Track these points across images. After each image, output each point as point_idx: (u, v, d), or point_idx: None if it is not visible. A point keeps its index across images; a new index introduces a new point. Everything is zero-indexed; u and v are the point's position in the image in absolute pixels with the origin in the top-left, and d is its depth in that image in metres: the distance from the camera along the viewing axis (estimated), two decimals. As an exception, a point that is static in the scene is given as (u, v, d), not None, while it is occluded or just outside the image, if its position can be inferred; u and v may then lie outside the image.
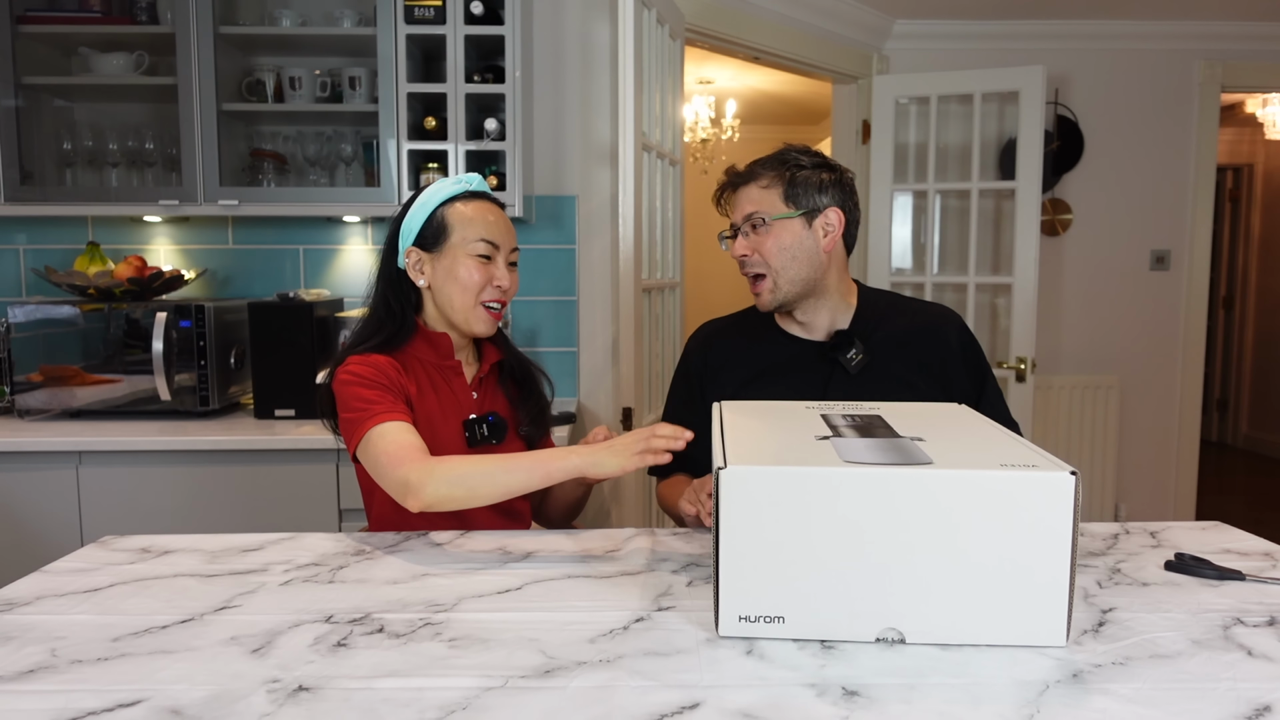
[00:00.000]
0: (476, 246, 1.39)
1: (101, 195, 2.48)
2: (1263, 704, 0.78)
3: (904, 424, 1.08)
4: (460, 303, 1.39)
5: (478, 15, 2.39)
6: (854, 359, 1.47)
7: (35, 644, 0.90)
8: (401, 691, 0.80)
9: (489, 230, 1.40)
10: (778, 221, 1.48)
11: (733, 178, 1.55)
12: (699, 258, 6.42)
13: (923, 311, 1.58)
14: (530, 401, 1.53)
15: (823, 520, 0.88)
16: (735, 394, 1.48)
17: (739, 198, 1.53)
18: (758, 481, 0.88)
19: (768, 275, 1.48)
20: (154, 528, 2.13)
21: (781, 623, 0.90)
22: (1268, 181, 6.13)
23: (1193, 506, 3.88)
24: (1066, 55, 3.63)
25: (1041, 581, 0.87)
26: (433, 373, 1.43)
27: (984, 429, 1.08)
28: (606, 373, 2.78)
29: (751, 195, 1.51)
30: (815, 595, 0.89)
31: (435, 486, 1.19)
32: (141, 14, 2.45)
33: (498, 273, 1.41)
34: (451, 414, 1.42)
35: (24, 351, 2.35)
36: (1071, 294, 3.75)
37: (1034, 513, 0.86)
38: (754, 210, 1.49)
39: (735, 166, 1.57)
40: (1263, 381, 6.22)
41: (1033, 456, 0.91)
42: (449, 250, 1.39)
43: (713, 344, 1.61)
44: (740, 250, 1.51)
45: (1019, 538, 0.86)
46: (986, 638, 0.89)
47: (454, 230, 1.39)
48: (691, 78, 4.93)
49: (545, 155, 2.74)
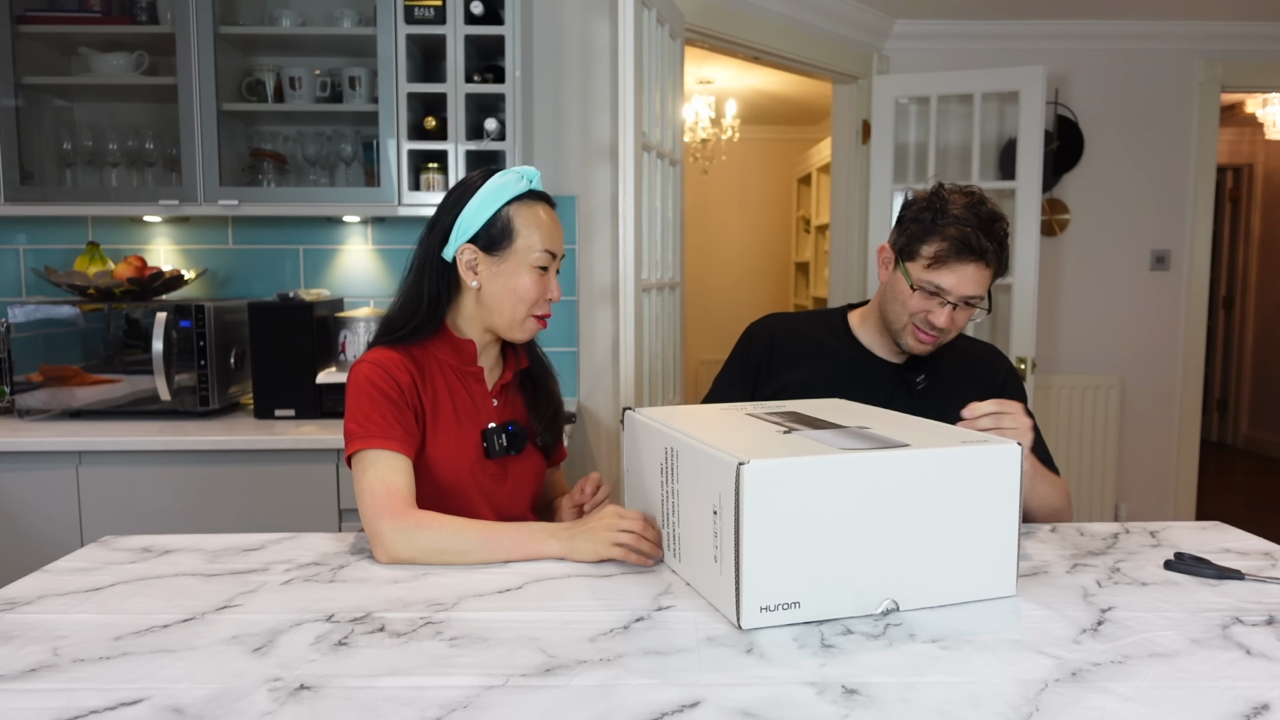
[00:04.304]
0: (539, 258, 1.32)
1: (101, 195, 2.48)
2: (1261, 703, 0.78)
3: (839, 417, 1.17)
4: (511, 311, 1.34)
5: (478, 15, 2.39)
6: (921, 384, 1.54)
7: (37, 643, 0.90)
8: (402, 690, 0.80)
9: (552, 240, 1.34)
10: None
11: (989, 254, 1.42)
12: (699, 258, 6.45)
13: (974, 346, 1.66)
14: (546, 408, 1.46)
15: (832, 504, 0.93)
16: (798, 392, 1.51)
17: (977, 276, 1.43)
18: (779, 474, 0.91)
19: (941, 338, 1.49)
20: (154, 528, 2.13)
21: (798, 608, 0.93)
22: (1268, 181, 6.13)
23: (1193, 506, 3.88)
24: (1066, 55, 3.63)
25: (998, 540, 1.01)
26: (451, 377, 1.36)
27: (904, 418, 1.18)
28: (606, 373, 2.78)
29: (985, 280, 1.44)
30: (825, 577, 0.94)
31: (408, 551, 1.15)
32: (141, 14, 2.45)
33: (552, 284, 1.36)
34: (469, 422, 1.36)
35: (24, 351, 2.35)
36: (1072, 294, 3.75)
37: (991, 480, 0.99)
38: (977, 294, 1.44)
39: (991, 229, 1.42)
40: (1263, 381, 6.22)
41: (973, 436, 1.05)
42: (510, 256, 1.32)
43: (782, 340, 1.62)
44: (947, 324, 1.45)
45: (981, 503, 0.99)
46: (960, 595, 1.00)
47: (519, 236, 1.31)
48: (691, 78, 4.93)
49: (545, 155, 2.74)
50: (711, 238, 6.49)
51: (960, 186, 1.48)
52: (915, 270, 1.45)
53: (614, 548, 1.12)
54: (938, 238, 1.42)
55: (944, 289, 1.43)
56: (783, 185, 6.51)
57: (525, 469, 1.42)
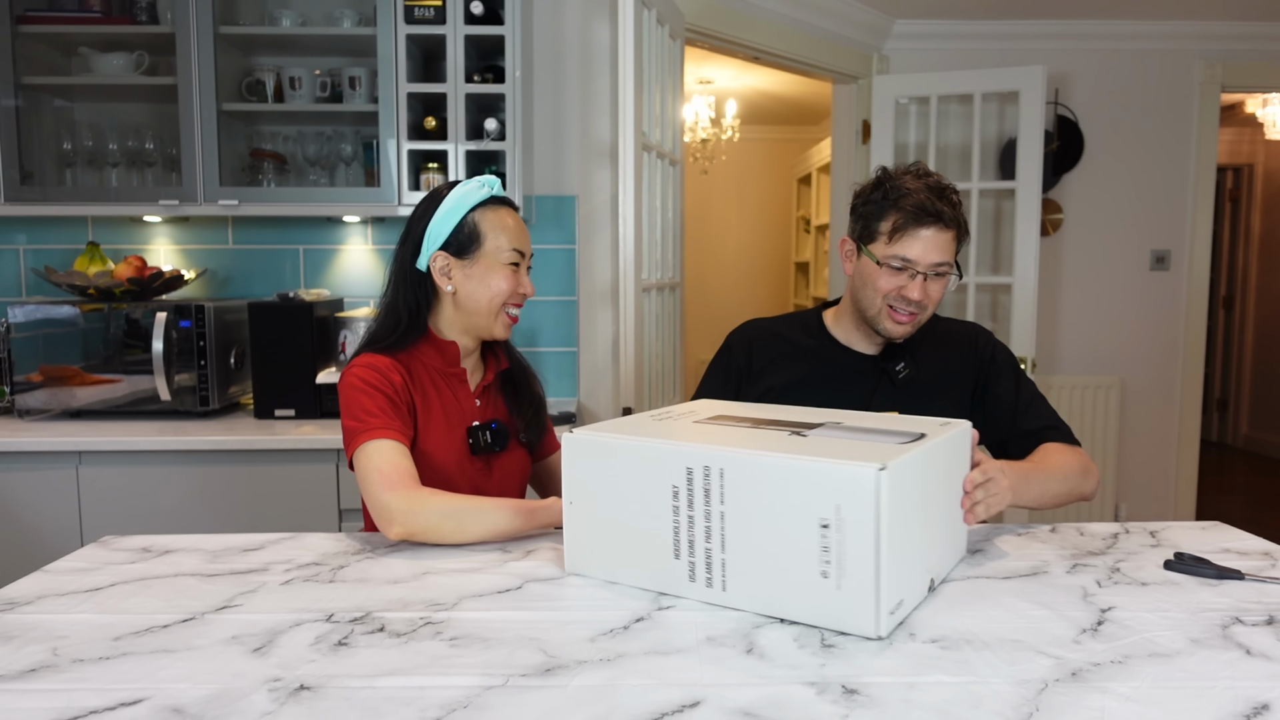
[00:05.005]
0: (509, 255, 1.40)
1: (101, 195, 2.48)
2: (1261, 702, 0.78)
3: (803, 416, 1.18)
4: (487, 309, 1.40)
5: (478, 15, 2.39)
6: (902, 372, 1.51)
7: (37, 643, 0.90)
8: (403, 690, 0.80)
9: (518, 239, 1.42)
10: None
11: (945, 215, 1.42)
12: (699, 258, 6.45)
13: (954, 328, 1.63)
14: (527, 407, 1.53)
15: (919, 497, 0.98)
16: (780, 396, 1.51)
17: (938, 241, 1.43)
18: (902, 474, 0.91)
19: (919, 314, 1.48)
20: (154, 528, 2.13)
21: (902, 606, 0.96)
22: (1268, 181, 6.13)
23: (1193, 506, 3.88)
24: (1066, 55, 3.63)
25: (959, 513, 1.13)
26: (437, 379, 1.43)
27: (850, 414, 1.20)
28: (606, 373, 2.78)
29: (949, 245, 1.44)
30: (909, 569, 0.97)
31: (425, 517, 1.19)
32: (141, 14, 2.45)
33: (524, 279, 1.43)
34: (455, 421, 1.42)
35: (24, 351, 2.35)
36: (1072, 294, 3.75)
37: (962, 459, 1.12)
38: (946, 260, 1.44)
39: (944, 195, 1.44)
40: (1263, 381, 6.22)
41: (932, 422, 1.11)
42: (481, 258, 1.39)
43: (759, 344, 1.61)
44: (921, 296, 1.44)
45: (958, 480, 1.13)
46: (954, 560, 1.14)
47: (486, 238, 1.39)
48: (691, 78, 4.93)
49: (545, 155, 2.74)
50: (711, 238, 6.49)
51: (905, 166, 1.49)
52: (878, 249, 1.45)
53: None
54: (893, 210, 1.43)
55: (910, 260, 1.42)
56: (783, 185, 6.51)
57: (510, 465, 1.49)
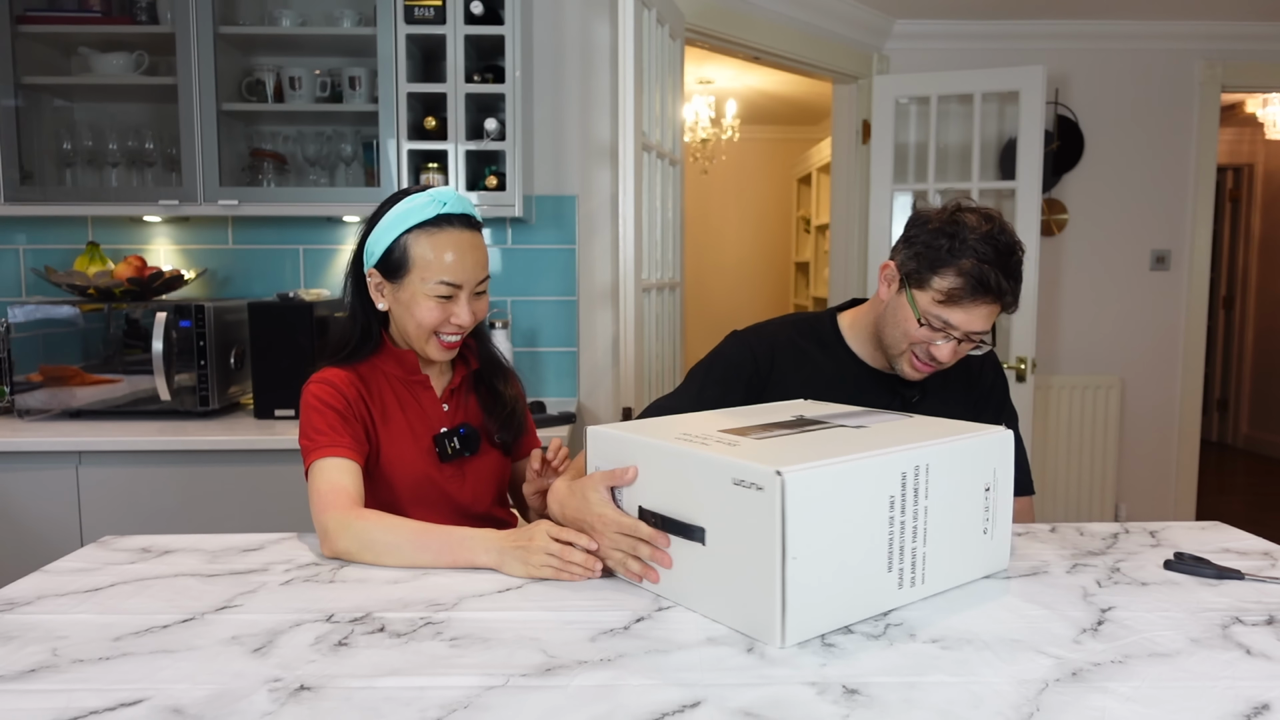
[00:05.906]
0: (435, 288, 1.30)
1: (101, 195, 2.48)
2: (1261, 702, 0.78)
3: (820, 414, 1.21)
4: (415, 335, 1.35)
5: (478, 15, 2.39)
6: (915, 398, 1.49)
7: (36, 643, 0.90)
8: (403, 690, 0.80)
9: (450, 272, 1.30)
10: None
11: (1006, 297, 1.33)
12: (699, 258, 6.45)
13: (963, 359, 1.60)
14: (499, 408, 1.46)
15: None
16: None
17: (988, 314, 1.34)
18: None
19: (940, 369, 1.44)
20: (154, 528, 2.13)
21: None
22: (1268, 181, 6.13)
23: (1193, 506, 3.88)
24: (1066, 55, 3.63)
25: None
26: (399, 388, 1.39)
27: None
28: (606, 373, 2.78)
29: (995, 315, 1.36)
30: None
31: (346, 542, 1.17)
32: (141, 14, 2.45)
33: (457, 310, 1.33)
34: (421, 430, 1.39)
35: (24, 351, 2.35)
36: (1072, 294, 3.75)
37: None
38: (986, 330, 1.37)
39: (1009, 264, 1.32)
40: (1263, 381, 6.22)
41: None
42: (408, 285, 1.31)
43: (781, 352, 1.52)
44: (949, 359, 1.38)
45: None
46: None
47: (415, 267, 1.30)
48: (691, 78, 4.93)
49: (545, 155, 2.74)
50: (711, 238, 6.49)
51: (978, 208, 1.35)
52: (924, 301, 1.34)
53: (545, 568, 1.09)
54: (953, 271, 1.31)
55: (951, 325, 1.33)
56: (783, 185, 6.51)
57: (484, 468, 1.45)
